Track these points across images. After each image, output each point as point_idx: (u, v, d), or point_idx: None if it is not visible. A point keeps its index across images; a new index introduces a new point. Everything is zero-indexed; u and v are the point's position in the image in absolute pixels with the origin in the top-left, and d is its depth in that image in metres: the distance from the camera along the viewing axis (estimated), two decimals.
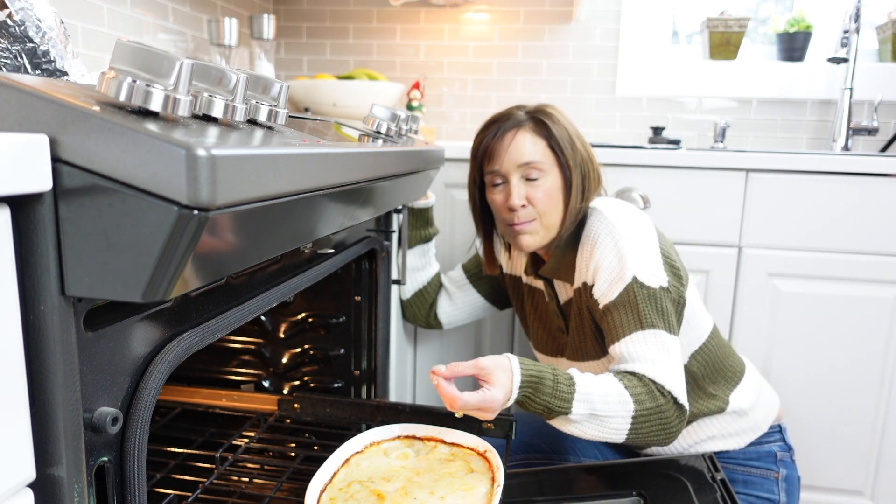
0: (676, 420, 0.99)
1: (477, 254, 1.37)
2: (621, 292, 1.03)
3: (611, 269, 1.04)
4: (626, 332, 1.01)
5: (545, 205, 1.10)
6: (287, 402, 1.15)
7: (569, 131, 1.12)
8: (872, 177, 1.34)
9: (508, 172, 1.10)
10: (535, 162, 1.09)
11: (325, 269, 0.86)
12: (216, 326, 0.61)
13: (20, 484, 0.41)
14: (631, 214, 1.10)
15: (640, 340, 1.01)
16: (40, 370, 0.42)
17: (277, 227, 0.55)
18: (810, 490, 1.45)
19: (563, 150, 1.10)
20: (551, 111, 1.13)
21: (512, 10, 1.98)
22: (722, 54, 1.91)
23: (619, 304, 1.03)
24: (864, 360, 1.40)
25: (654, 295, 1.03)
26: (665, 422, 0.98)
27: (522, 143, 1.09)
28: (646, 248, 1.07)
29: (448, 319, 1.38)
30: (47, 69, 0.70)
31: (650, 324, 1.01)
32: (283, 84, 0.61)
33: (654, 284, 1.03)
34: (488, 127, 1.14)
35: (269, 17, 1.68)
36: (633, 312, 1.02)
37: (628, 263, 1.03)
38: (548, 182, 1.10)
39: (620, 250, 1.04)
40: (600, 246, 1.06)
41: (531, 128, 1.11)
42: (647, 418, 0.96)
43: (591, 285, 1.07)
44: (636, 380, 0.97)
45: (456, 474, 0.82)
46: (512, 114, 1.13)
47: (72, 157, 0.40)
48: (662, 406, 0.97)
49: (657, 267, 1.06)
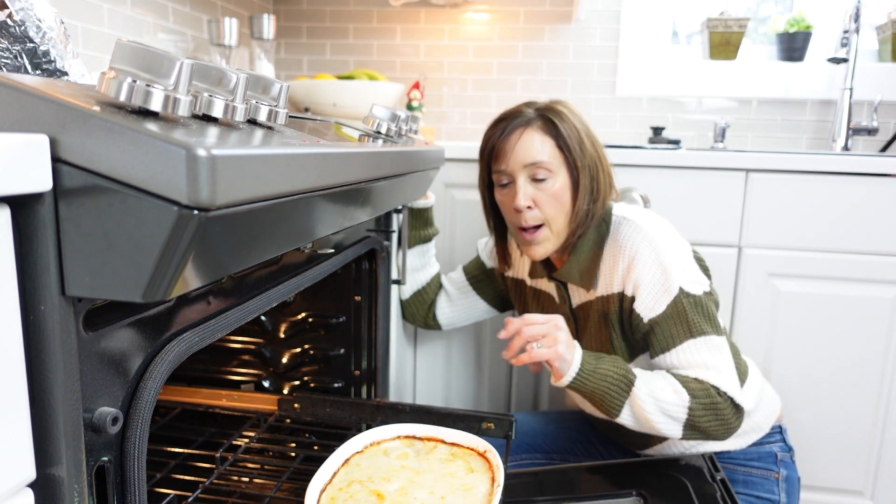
0: (734, 417, 1.03)
1: (478, 256, 1.36)
2: (669, 304, 1.04)
3: (655, 283, 1.05)
4: (677, 343, 1.04)
5: (552, 209, 1.07)
6: (287, 402, 1.15)
7: (579, 130, 1.08)
8: (872, 177, 1.34)
9: (515, 172, 1.07)
10: (543, 162, 1.06)
11: (325, 269, 0.86)
12: (216, 326, 0.61)
13: (20, 484, 0.41)
14: (662, 223, 1.10)
15: (692, 349, 1.04)
16: (40, 370, 0.42)
17: (277, 227, 0.55)
18: (810, 490, 1.45)
19: (572, 150, 1.07)
20: (561, 109, 1.09)
21: (512, 10, 1.98)
22: (722, 54, 1.91)
23: (668, 317, 1.04)
24: (864, 361, 1.40)
25: (699, 302, 1.05)
26: (723, 419, 1.02)
27: (530, 142, 1.07)
28: (684, 256, 1.07)
29: (447, 321, 1.37)
30: (47, 69, 0.70)
31: (700, 331, 1.04)
32: (283, 84, 0.61)
33: (698, 292, 1.05)
34: (496, 125, 1.11)
35: (269, 17, 1.68)
36: (683, 323, 1.04)
37: (672, 275, 1.04)
38: (556, 184, 1.07)
39: (662, 262, 1.05)
40: (641, 259, 1.05)
41: (539, 126, 1.08)
42: (703, 412, 1.01)
43: (632, 297, 1.07)
44: (692, 380, 1.02)
45: (456, 474, 0.82)
46: (521, 111, 1.10)
47: (72, 157, 0.40)
48: (719, 404, 1.01)
49: (696, 272, 1.08)
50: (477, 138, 2.02)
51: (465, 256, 1.51)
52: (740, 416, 1.04)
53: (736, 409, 1.03)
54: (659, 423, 1.02)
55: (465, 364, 1.59)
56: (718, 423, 1.02)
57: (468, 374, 1.59)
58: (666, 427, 1.02)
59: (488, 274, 1.34)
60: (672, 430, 1.02)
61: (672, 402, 1.00)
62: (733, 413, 1.03)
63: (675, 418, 1.01)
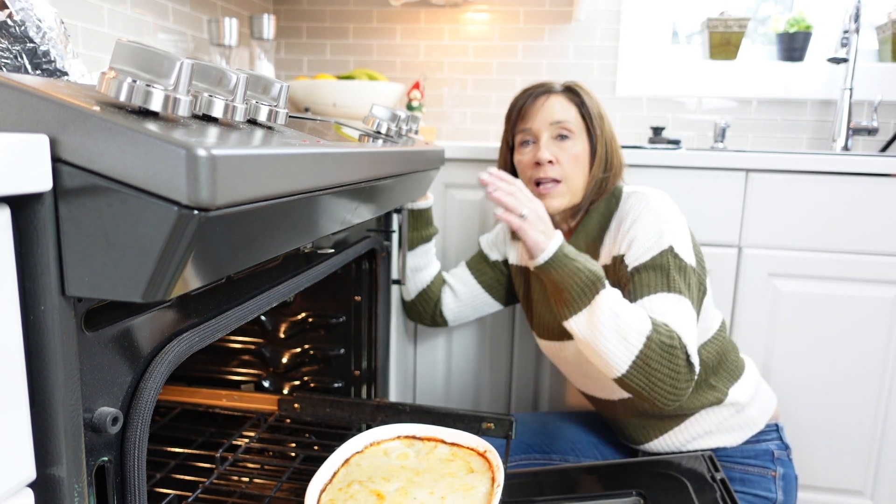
0: (686, 372, 0.97)
1: (480, 250, 1.38)
2: (654, 256, 1.06)
3: (648, 238, 1.08)
4: (653, 291, 1.04)
5: (572, 167, 1.14)
6: (287, 402, 1.15)
7: (599, 107, 1.19)
8: (872, 177, 1.34)
9: (540, 130, 1.16)
10: (567, 121, 1.15)
11: (325, 269, 0.86)
12: (216, 326, 0.61)
13: (20, 484, 0.41)
14: (669, 200, 1.15)
15: (664, 300, 1.03)
16: (40, 370, 0.42)
17: (277, 227, 0.55)
18: (810, 490, 1.45)
19: (593, 118, 1.16)
20: (583, 86, 1.20)
21: (512, 10, 1.98)
22: (722, 54, 1.91)
23: (650, 267, 1.06)
24: (864, 360, 1.40)
25: (684, 268, 1.06)
26: (675, 368, 0.96)
27: (556, 103, 1.16)
28: (683, 230, 1.11)
29: (453, 316, 1.38)
30: (47, 69, 0.70)
31: (677, 289, 1.04)
32: (283, 84, 0.61)
33: (687, 260, 1.07)
34: (523, 92, 1.21)
35: (269, 17, 1.68)
36: (663, 276, 1.05)
37: (666, 235, 1.07)
38: (577, 146, 1.15)
39: (661, 224, 1.08)
40: (642, 219, 1.10)
41: (564, 94, 1.18)
42: (658, 352, 0.95)
43: (623, 255, 1.10)
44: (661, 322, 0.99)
45: (456, 474, 0.82)
46: (546, 83, 1.20)
47: (72, 157, 0.40)
48: (676, 350, 0.96)
49: (690, 249, 1.10)
50: (477, 138, 2.04)
51: (464, 256, 1.51)
52: (691, 376, 0.98)
53: (689, 366, 0.97)
54: (608, 344, 0.96)
55: (465, 364, 1.59)
56: (669, 371, 0.95)
57: (468, 374, 1.59)
58: (614, 352, 0.96)
59: (491, 265, 1.36)
60: (619, 357, 0.96)
61: (633, 326, 0.95)
62: (686, 367, 0.97)
63: (629, 344, 0.95)
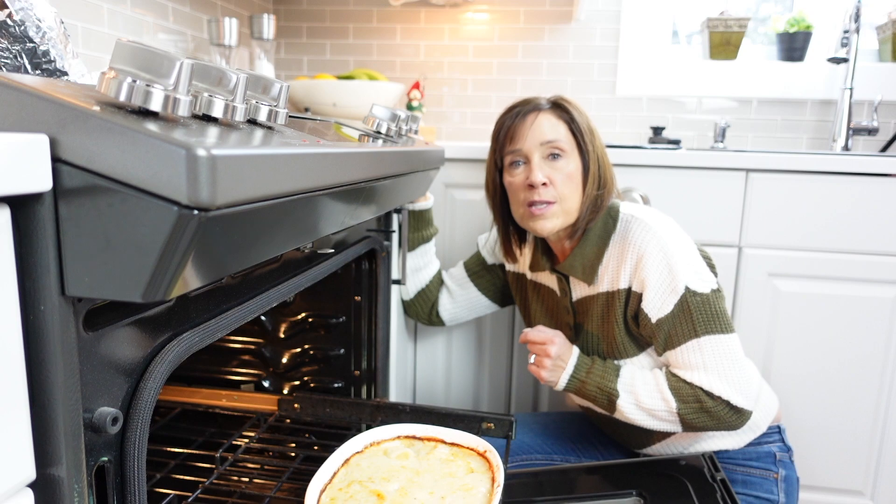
0: (733, 417, 1.05)
1: (478, 252, 1.37)
2: (675, 304, 1.06)
3: (661, 282, 1.06)
4: (680, 342, 1.07)
5: (566, 188, 1.10)
6: (287, 402, 1.15)
7: (588, 122, 1.15)
8: (872, 177, 1.34)
9: (530, 151, 1.11)
10: (558, 140, 1.10)
11: (325, 269, 0.86)
12: (216, 326, 0.61)
13: (20, 484, 0.41)
14: (670, 222, 1.12)
15: (693, 349, 1.06)
16: (40, 370, 0.42)
17: (277, 227, 0.55)
18: (810, 490, 1.45)
19: (584, 134, 1.12)
20: (571, 100, 1.16)
21: (512, 10, 1.98)
22: (722, 54, 1.91)
23: (674, 317, 1.06)
24: (864, 361, 1.39)
25: (706, 300, 1.06)
26: (718, 419, 1.05)
27: (545, 122, 1.12)
28: (691, 255, 1.09)
29: (450, 317, 1.38)
30: (47, 69, 0.70)
31: (705, 330, 1.05)
32: (283, 84, 0.61)
33: (705, 290, 1.07)
34: (510, 111, 1.16)
35: (269, 17, 1.68)
36: (688, 322, 1.06)
37: (679, 275, 1.06)
38: (569, 165, 1.11)
39: (670, 262, 1.06)
40: (649, 257, 1.07)
41: (553, 111, 1.13)
42: (693, 416, 1.05)
43: (639, 294, 1.09)
44: (685, 384, 1.06)
45: (456, 474, 0.82)
46: (533, 100, 1.15)
47: (72, 157, 0.40)
48: (710, 408, 1.05)
49: (704, 271, 1.09)
50: (477, 138, 2.04)
51: (464, 255, 1.51)
52: (741, 416, 1.05)
53: (733, 410, 1.04)
54: (653, 426, 1.09)
55: (466, 364, 1.59)
56: (715, 423, 1.05)
57: (468, 374, 1.59)
58: (662, 427, 1.09)
59: (488, 269, 1.36)
60: (669, 428, 1.09)
61: (659, 409, 1.07)
62: (730, 413, 1.05)
63: (664, 421, 1.08)
